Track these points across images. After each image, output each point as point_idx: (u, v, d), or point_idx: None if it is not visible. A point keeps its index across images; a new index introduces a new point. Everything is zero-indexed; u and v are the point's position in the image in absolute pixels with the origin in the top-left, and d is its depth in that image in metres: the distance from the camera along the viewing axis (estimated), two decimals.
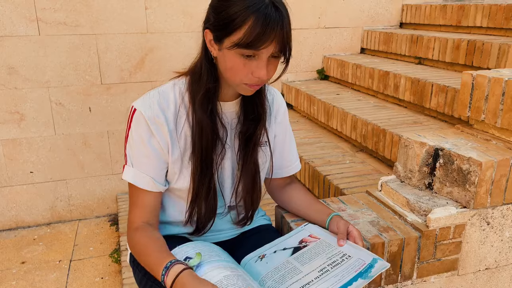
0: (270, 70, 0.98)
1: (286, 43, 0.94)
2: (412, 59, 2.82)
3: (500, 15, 2.49)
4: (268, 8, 0.90)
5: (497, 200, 1.30)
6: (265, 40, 0.91)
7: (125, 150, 1.09)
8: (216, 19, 0.94)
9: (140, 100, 1.06)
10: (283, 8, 0.93)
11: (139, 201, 1.08)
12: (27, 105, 2.58)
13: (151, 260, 0.98)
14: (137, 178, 1.06)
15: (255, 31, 0.89)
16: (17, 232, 2.74)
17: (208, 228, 1.17)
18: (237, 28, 0.91)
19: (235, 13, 0.90)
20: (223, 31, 0.94)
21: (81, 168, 2.79)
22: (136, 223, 1.07)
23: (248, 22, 0.89)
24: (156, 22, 2.68)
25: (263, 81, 0.99)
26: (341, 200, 1.48)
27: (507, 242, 1.39)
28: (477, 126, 1.53)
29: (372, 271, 1.00)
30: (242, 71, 0.96)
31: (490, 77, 1.40)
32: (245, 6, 0.89)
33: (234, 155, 1.15)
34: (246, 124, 1.12)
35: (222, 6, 0.93)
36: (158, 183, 1.08)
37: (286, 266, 1.05)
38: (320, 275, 1.00)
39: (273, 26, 0.90)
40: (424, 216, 1.30)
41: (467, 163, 1.27)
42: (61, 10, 2.49)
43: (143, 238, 1.03)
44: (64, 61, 2.58)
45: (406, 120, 2.18)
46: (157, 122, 1.03)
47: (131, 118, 1.06)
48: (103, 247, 2.55)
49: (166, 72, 2.77)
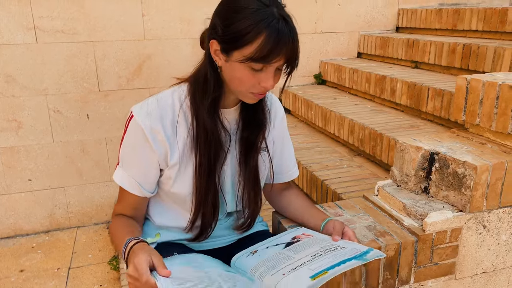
0: (276, 79, 1.00)
1: (295, 56, 0.96)
2: (409, 63, 2.83)
3: (495, 18, 2.50)
4: (280, 23, 0.91)
5: (493, 204, 1.31)
6: (277, 55, 0.92)
7: (119, 151, 1.11)
8: (225, 32, 0.94)
9: (139, 106, 1.07)
10: (292, 22, 0.95)
11: (125, 199, 1.13)
12: (25, 112, 2.59)
13: (118, 242, 1.05)
14: (124, 180, 1.10)
15: (267, 47, 0.91)
16: (16, 240, 2.73)
17: (209, 234, 1.17)
18: (249, 42, 0.91)
19: (246, 27, 0.91)
20: (232, 44, 0.94)
21: (80, 175, 2.79)
22: (116, 214, 1.15)
23: (261, 37, 0.90)
24: (153, 28, 2.69)
25: (268, 90, 1.01)
26: (338, 205, 1.49)
27: (504, 245, 1.39)
28: (472, 129, 1.53)
29: (368, 256, 1.00)
30: (250, 82, 0.97)
31: (484, 81, 1.40)
32: (257, 21, 0.90)
33: (235, 160, 1.15)
34: (247, 130, 1.13)
35: (231, 18, 0.93)
36: (144, 189, 1.10)
37: (279, 256, 1.05)
38: (312, 259, 1.00)
39: (284, 41, 0.92)
40: (420, 220, 1.30)
41: (463, 167, 1.27)
42: (58, 18, 2.51)
43: (116, 223, 1.12)
44: (62, 69, 2.59)
45: (403, 124, 2.18)
46: (154, 130, 1.04)
47: (128, 123, 1.07)
48: (101, 254, 2.54)
49: (164, 79, 2.78)
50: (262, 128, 1.14)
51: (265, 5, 0.92)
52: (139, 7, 2.63)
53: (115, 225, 1.12)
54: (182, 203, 1.14)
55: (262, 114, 1.13)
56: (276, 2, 0.95)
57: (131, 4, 2.61)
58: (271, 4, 0.93)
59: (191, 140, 1.07)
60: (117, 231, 1.09)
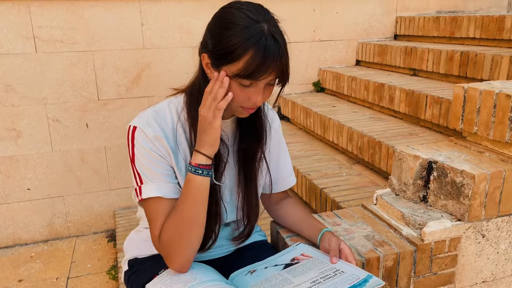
0: (266, 95, 1.00)
1: (284, 72, 0.96)
2: (407, 70, 2.84)
3: (492, 26, 2.51)
4: (268, 40, 0.92)
5: (492, 213, 1.30)
6: (264, 72, 0.93)
7: (134, 171, 1.05)
8: (215, 47, 0.96)
9: (138, 118, 1.06)
10: (281, 39, 0.95)
11: (161, 212, 1.03)
12: (24, 122, 2.59)
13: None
14: (163, 189, 1.03)
15: (254, 63, 0.91)
16: (14, 250, 2.72)
17: (213, 244, 1.16)
18: (237, 59, 0.92)
19: (235, 44, 0.91)
20: (221, 60, 0.95)
21: (79, 184, 2.79)
22: (158, 232, 1.03)
23: (248, 54, 0.91)
24: (152, 37, 2.70)
25: (258, 106, 1.01)
26: (336, 214, 1.48)
27: (503, 254, 1.38)
28: (470, 138, 1.53)
29: (367, 285, 1.00)
30: (239, 97, 0.98)
31: (481, 89, 1.41)
32: (245, 38, 0.91)
33: (233, 171, 1.16)
34: (245, 141, 1.13)
35: (221, 34, 0.94)
36: (180, 187, 1.06)
37: (277, 277, 1.05)
38: (312, 286, 0.99)
39: (272, 58, 0.92)
40: (419, 230, 1.30)
41: (461, 175, 1.27)
42: (57, 27, 2.52)
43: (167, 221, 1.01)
44: (61, 78, 2.60)
45: (401, 132, 2.18)
46: (158, 137, 1.03)
47: (132, 137, 1.04)
48: (100, 263, 2.54)
49: (163, 87, 2.78)
50: (261, 140, 1.14)
51: (256, 22, 0.93)
52: (138, 17, 2.65)
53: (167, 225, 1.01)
54: None
55: (261, 127, 1.14)
56: (268, 18, 0.95)
57: (130, 14, 2.63)
58: (262, 20, 0.93)
59: (190, 151, 1.07)
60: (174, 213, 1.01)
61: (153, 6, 2.66)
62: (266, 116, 1.18)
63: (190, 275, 1.03)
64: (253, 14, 0.93)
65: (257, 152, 1.14)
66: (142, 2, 2.64)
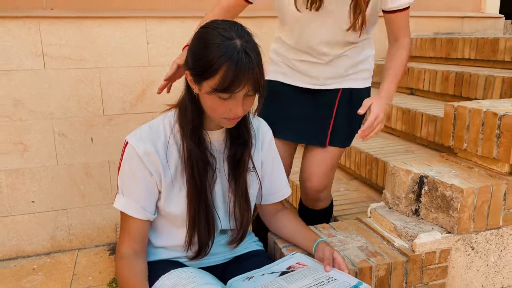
0: (247, 106, 1.08)
1: (258, 83, 1.04)
2: (404, 89, 2.91)
3: (487, 47, 2.59)
4: (239, 54, 1.00)
5: (480, 226, 1.35)
6: (238, 84, 1.01)
7: (117, 180, 1.17)
8: (194, 65, 1.05)
9: (133, 134, 1.16)
10: (253, 53, 1.03)
11: (129, 228, 1.15)
12: (30, 136, 2.67)
13: None
14: (128, 206, 1.14)
15: (228, 77, 1.00)
16: (17, 262, 2.76)
17: (208, 251, 1.22)
18: (213, 74, 1.01)
19: (211, 60, 1.00)
20: (200, 76, 1.04)
21: (82, 197, 2.85)
22: (123, 251, 1.14)
23: (222, 69, 1.00)
24: (157, 55, 2.80)
25: (240, 116, 1.10)
26: (332, 226, 1.53)
27: (493, 267, 1.42)
28: (460, 154, 1.59)
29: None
30: (220, 109, 1.06)
31: (470, 108, 1.47)
32: (220, 55, 1.00)
33: (224, 178, 1.22)
34: (233, 148, 1.21)
35: (200, 53, 1.03)
36: (147, 211, 1.15)
37: (273, 284, 1.11)
38: None
39: (244, 71, 1.00)
40: (410, 241, 1.35)
41: (450, 190, 1.33)
42: (66, 45, 2.61)
43: (125, 271, 1.10)
44: (68, 93, 2.68)
45: (398, 149, 2.24)
46: (148, 153, 1.12)
47: (123, 151, 1.15)
48: (101, 276, 2.57)
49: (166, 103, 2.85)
50: (246, 146, 1.21)
51: (229, 39, 1.01)
52: (144, 36, 2.74)
53: (122, 271, 1.11)
54: (178, 223, 1.19)
55: (246, 133, 1.21)
56: (241, 34, 1.03)
57: (136, 33, 2.73)
58: (235, 37, 1.02)
59: (181, 162, 1.15)
60: (128, 283, 1.08)
61: (158, 25, 2.76)
62: (255, 127, 1.26)
63: (188, 278, 1.08)
64: (227, 32, 1.02)
65: (245, 156, 1.21)
66: (148, 21, 2.74)
